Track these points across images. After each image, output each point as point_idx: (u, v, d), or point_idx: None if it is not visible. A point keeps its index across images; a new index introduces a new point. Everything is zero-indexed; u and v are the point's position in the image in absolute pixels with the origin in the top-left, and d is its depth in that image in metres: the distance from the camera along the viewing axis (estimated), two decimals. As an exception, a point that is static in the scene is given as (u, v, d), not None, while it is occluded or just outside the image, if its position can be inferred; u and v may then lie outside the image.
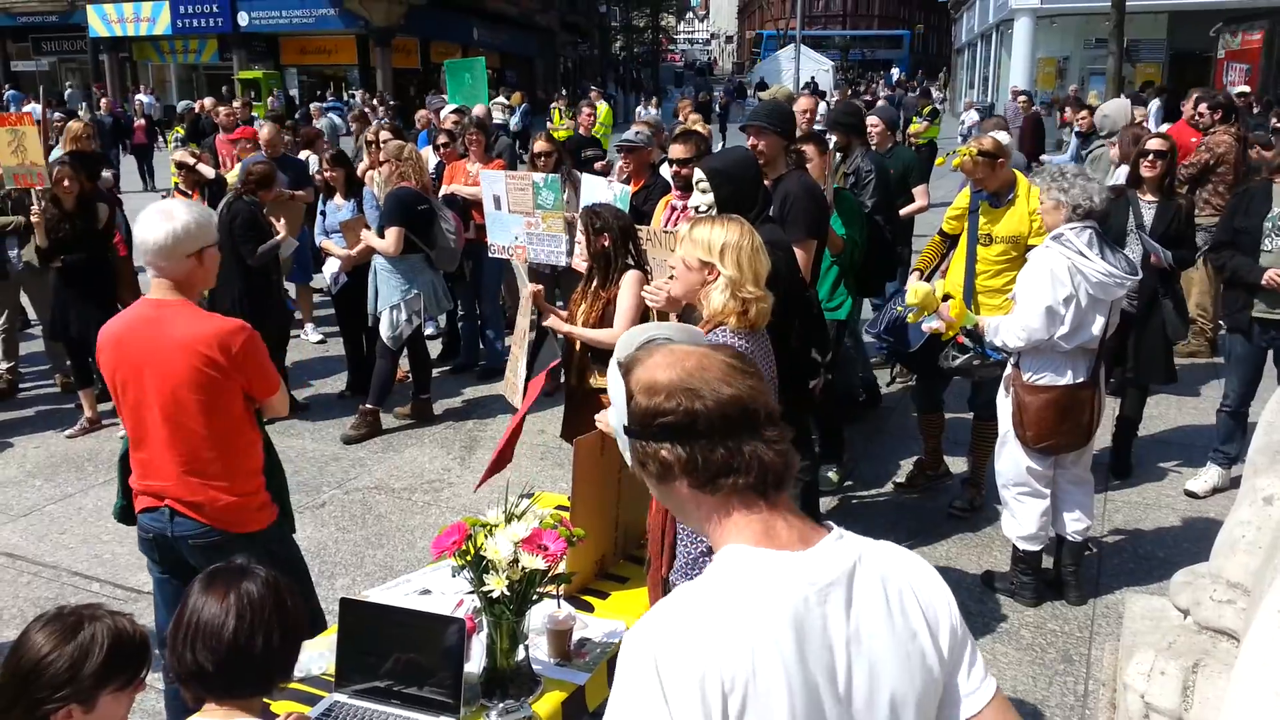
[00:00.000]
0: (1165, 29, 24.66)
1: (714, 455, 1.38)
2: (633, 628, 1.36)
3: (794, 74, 31.28)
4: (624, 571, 3.28)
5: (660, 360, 1.45)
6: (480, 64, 11.84)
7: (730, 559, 1.38)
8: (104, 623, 1.90)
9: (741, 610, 1.30)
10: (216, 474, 2.95)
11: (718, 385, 1.39)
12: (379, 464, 6.08)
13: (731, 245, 2.75)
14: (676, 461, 1.40)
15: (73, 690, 1.83)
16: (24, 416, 6.98)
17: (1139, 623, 3.57)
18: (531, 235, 6.39)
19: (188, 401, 2.87)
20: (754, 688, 1.26)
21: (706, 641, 1.27)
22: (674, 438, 1.40)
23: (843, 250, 5.31)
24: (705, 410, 1.38)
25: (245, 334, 2.93)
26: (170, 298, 2.93)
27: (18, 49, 36.01)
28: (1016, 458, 4.28)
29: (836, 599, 1.35)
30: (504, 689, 2.51)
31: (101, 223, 6.42)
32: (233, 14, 31.70)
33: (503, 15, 38.77)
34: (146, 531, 3.04)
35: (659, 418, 1.40)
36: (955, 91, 39.27)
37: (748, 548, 1.38)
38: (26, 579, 4.75)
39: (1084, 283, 3.97)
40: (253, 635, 1.87)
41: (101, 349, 2.98)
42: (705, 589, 1.35)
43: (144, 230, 2.87)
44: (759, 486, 1.39)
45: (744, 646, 1.27)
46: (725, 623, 1.29)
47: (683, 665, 1.26)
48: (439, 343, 8.17)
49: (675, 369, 1.42)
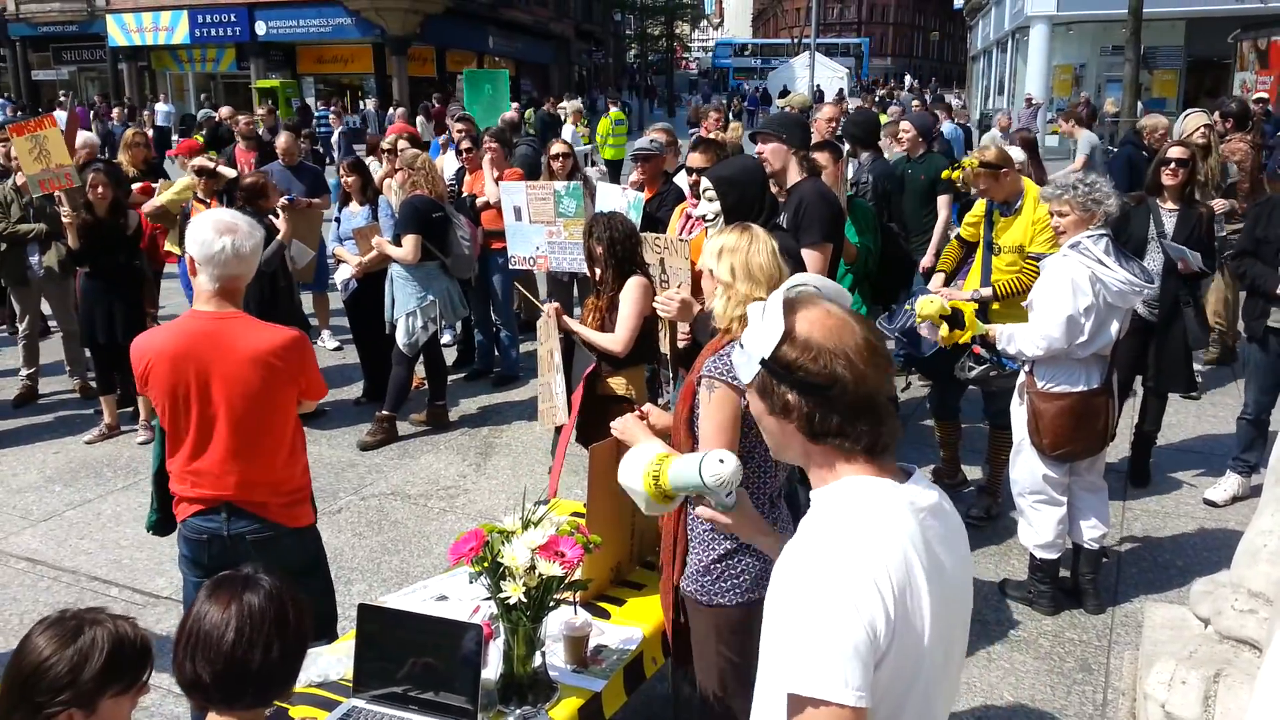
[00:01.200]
0: (1183, 35, 24.52)
1: (832, 422, 1.53)
2: (791, 550, 1.50)
3: (809, 81, 31.28)
4: (640, 578, 3.28)
5: (821, 319, 1.56)
6: (503, 76, 11.90)
7: (855, 485, 1.54)
8: (105, 627, 1.89)
9: (889, 521, 1.49)
10: (277, 474, 3.07)
11: (861, 369, 1.52)
12: (395, 470, 6.10)
13: (728, 249, 2.73)
14: (798, 409, 1.55)
15: (73, 694, 1.82)
16: (44, 422, 7.03)
17: (1159, 632, 3.55)
18: (553, 244, 6.39)
19: (257, 408, 2.98)
20: (910, 583, 1.45)
21: (874, 546, 1.44)
22: (806, 392, 1.54)
23: (857, 258, 5.31)
24: (842, 387, 1.51)
25: (303, 342, 3.13)
26: (225, 309, 3.00)
27: (39, 58, 36.39)
28: (1032, 466, 4.26)
29: (934, 524, 1.55)
30: (521, 695, 2.51)
31: (131, 229, 6.48)
32: (250, 23, 31.95)
33: (518, 24, 38.93)
34: (200, 533, 3.07)
35: (801, 372, 1.53)
36: (972, 99, 39.16)
37: (868, 477, 1.54)
38: (46, 583, 4.79)
39: (1104, 291, 3.95)
40: (251, 649, 1.87)
41: (157, 362, 2.95)
42: (850, 507, 1.51)
43: (205, 241, 2.91)
44: (866, 451, 1.55)
45: (900, 549, 1.46)
46: (883, 530, 1.47)
47: (861, 566, 1.41)
48: (454, 349, 8.20)
49: (833, 337, 1.53)
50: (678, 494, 2.08)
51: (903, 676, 1.44)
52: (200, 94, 33.39)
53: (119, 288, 6.39)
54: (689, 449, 2.71)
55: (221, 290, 2.99)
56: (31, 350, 7.42)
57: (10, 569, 4.95)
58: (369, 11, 30.47)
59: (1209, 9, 22.66)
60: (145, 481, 5.92)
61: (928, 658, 1.47)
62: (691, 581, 2.73)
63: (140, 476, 6.03)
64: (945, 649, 1.54)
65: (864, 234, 5.36)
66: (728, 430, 2.57)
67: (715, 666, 2.76)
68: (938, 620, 1.48)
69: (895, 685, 1.43)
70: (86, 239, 6.26)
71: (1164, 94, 24.43)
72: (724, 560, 2.69)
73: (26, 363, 7.42)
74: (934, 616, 1.47)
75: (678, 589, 2.80)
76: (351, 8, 30.56)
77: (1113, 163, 8.61)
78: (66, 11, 34.24)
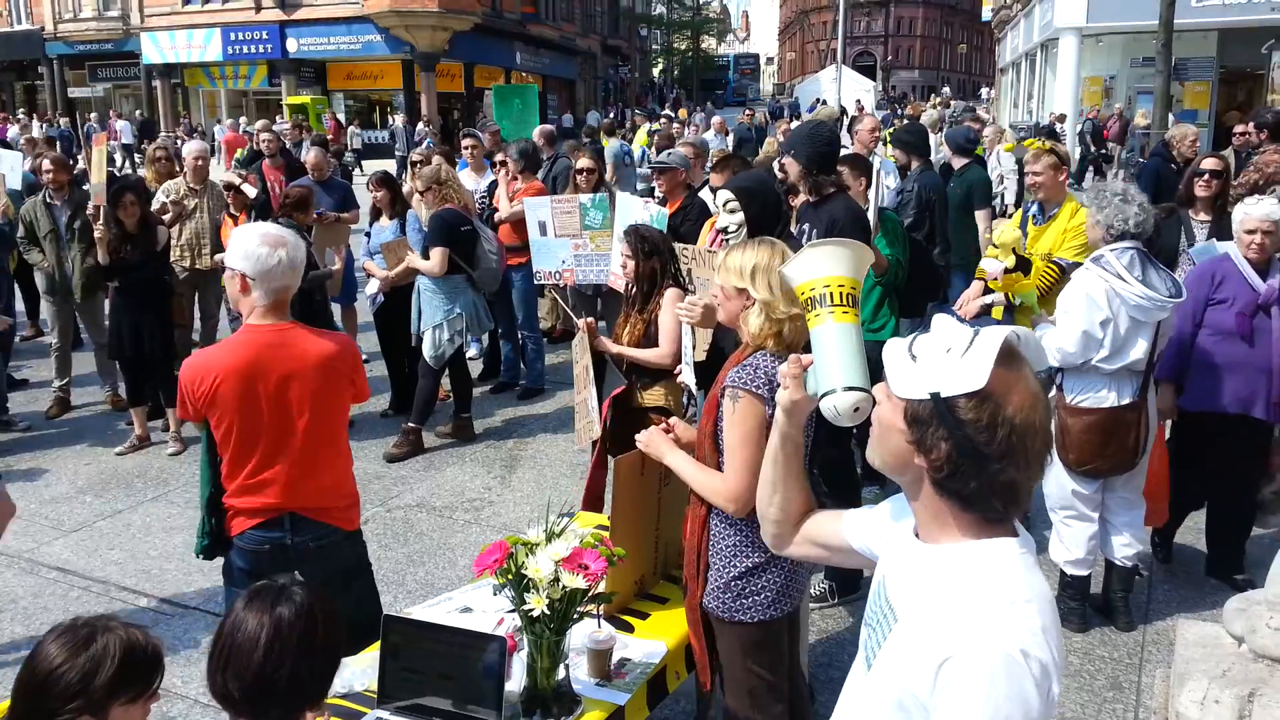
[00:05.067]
0: (1215, 47, 24.26)
1: (970, 487, 1.46)
2: (969, 633, 1.39)
3: (835, 95, 31.22)
4: (663, 592, 3.27)
5: (1022, 388, 1.44)
6: (533, 91, 11.99)
7: (1013, 555, 1.49)
8: (116, 634, 1.91)
9: (1046, 596, 1.46)
10: (338, 478, 3.17)
11: (1028, 458, 1.43)
12: (421, 482, 6.12)
13: (762, 268, 2.73)
14: (943, 459, 1.46)
15: (84, 701, 1.83)
16: (75, 433, 7.13)
17: (1192, 650, 3.49)
18: (579, 257, 6.41)
19: (326, 413, 3.06)
20: (1056, 659, 1.41)
21: (1046, 628, 1.40)
22: (964, 454, 1.44)
23: (886, 270, 5.28)
24: (1001, 468, 1.43)
25: (354, 346, 3.24)
26: (281, 321, 3.04)
27: (74, 75, 37.04)
28: (1062, 481, 4.21)
29: None
30: (545, 708, 2.51)
31: (160, 245, 6.57)
32: (282, 40, 32.39)
33: (544, 39, 39.21)
34: (261, 544, 3.08)
35: (974, 431, 1.42)
36: (1000, 111, 38.96)
37: (1009, 541, 1.50)
38: (76, 593, 4.84)
39: (1122, 306, 3.90)
40: (280, 665, 1.88)
41: (225, 378, 2.93)
42: (1018, 584, 1.45)
43: (259, 256, 2.94)
44: (991, 517, 1.50)
45: (1056, 624, 1.43)
46: (1046, 609, 1.43)
47: (1043, 649, 1.38)
48: (479, 362, 8.23)
49: (1023, 415, 1.42)
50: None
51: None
52: (232, 110, 33.87)
53: (148, 302, 6.48)
54: (714, 463, 2.70)
55: (276, 303, 3.02)
56: (64, 362, 7.52)
57: (42, 578, 5.01)
58: (398, 28, 30.80)
59: (1242, 20, 22.40)
60: (174, 493, 6.00)
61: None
62: (714, 598, 2.72)
63: (169, 488, 6.09)
64: None
65: (893, 245, 5.33)
66: (754, 441, 2.55)
67: (744, 683, 2.75)
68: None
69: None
70: (115, 254, 6.35)
71: (1196, 105, 24.14)
72: (745, 577, 2.68)
73: (59, 374, 7.53)
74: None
75: (702, 606, 2.79)
76: (381, 25, 30.92)
77: (1140, 174, 8.53)
78: (102, 30, 34.88)
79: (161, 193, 7.83)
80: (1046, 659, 1.38)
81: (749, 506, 2.54)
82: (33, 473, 6.41)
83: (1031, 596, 1.43)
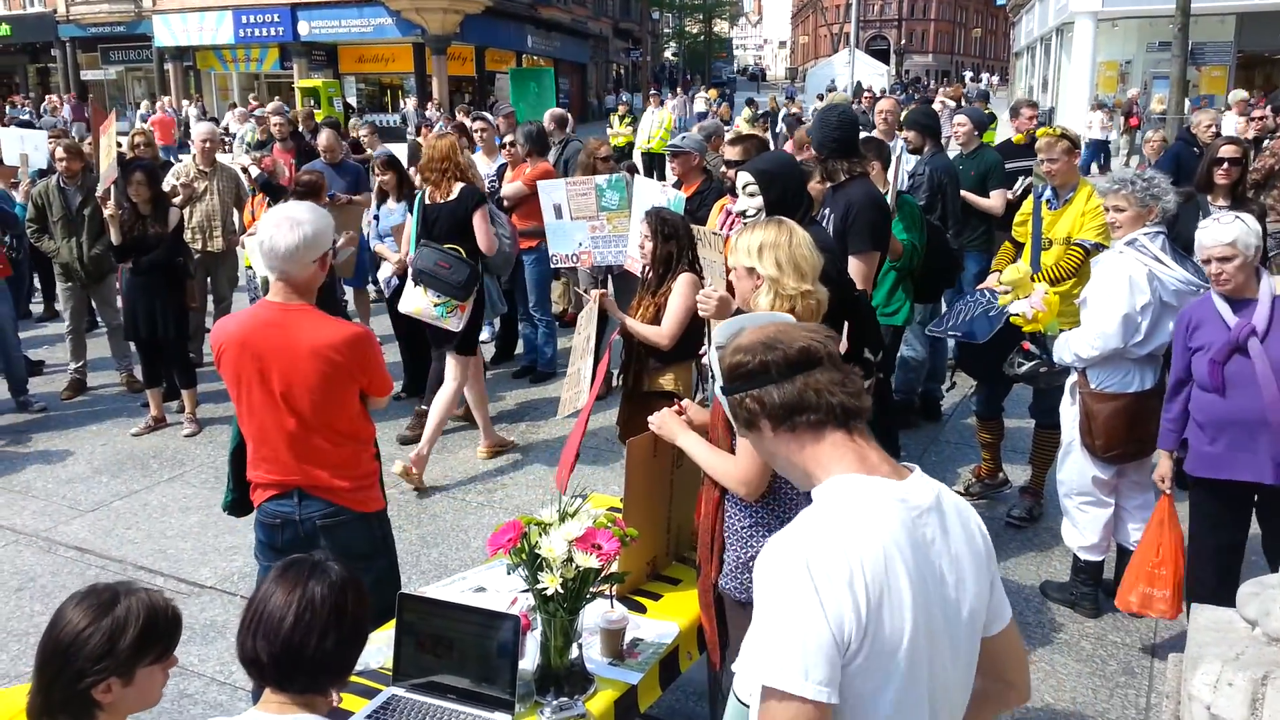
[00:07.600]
0: (1233, 31, 24.00)
1: (785, 394, 1.59)
2: (771, 543, 1.53)
3: (849, 79, 31.06)
4: (676, 573, 3.28)
5: (750, 330, 1.70)
6: (549, 74, 11.95)
7: (843, 484, 1.56)
8: (138, 597, 1.93)
9: (872, 521, 1.49)
10: (338, 462, 3.14)
11: (791, 341, 1.62)
12: (434, 464, 6.13)
13: (769, 245, 2.72)
14: (757, 404, 1.62)
15: (111, 662, 1.86)
16: (92, 414, 7.17)
17: (1204, 634, 3.48)
18: (596, 239, 6.38)
19: (314, 400, 3.04)
20: (888, 585, 1.45)
21: (851, 545, 1.46)
22: (752, 384, 1.63)
23: (902, 254, 5.27)
24: (776, 359, 1.61)
25: (366, 339, 3.14)
26: (293, 301, 3.06)
27: (87, 58, 37.10)
28: (1082, 467, 4.19)
29: (933, 522, 1.56)
30: (558, 687, 2.52)
31: (172, 226, 6.59)
32: (294, 23, 32.36)
33: (556, 23, 39.07)
34: (274, 517, 3.17)
35: (740, 369, 1.64)
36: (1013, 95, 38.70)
37: (855, 475, 1.56)
38: (94, 572, 4.88)
39: (1161, 289, 3.87)
40: (308, 635, 1.90)
41: (227, 346, 3.07)
42: (834, 505, 1.53)
43: (273, 237, 2.97)
44: (836, 420, 1.59)
45: (879, 550, 1.46)
46: (862, 530, 1.48)
47: (833, 565, 1.44)
48: (492, 345, 8.24)
49: (759, 333, 1.67)
50: None
51: (873, 678, 1.45)
52: (244, 93, 33.87)
53: (162, 284, 6.51)
54: (728, 446, 2.70)
55: (295, 285, 3.05)
56: (78, 344, 7.57)
57: (60, 557, 5.06)
58: (410, 11, 30.76)
59: (1261, 2, 22.19)
60: (190, 473, 6.04)
61: (905, 660, 1.47)
62: (730, 579, 2.73)
63: (185, 469, 6.13)
64: (943, 650, 1.54)
65: (910, 230, 5.31)
66: None
67: None
68: (924, 623, 1.48)
69: (865, 686, 1.45)
70: (128, 235, 6.38)
71: (1212, 90, 23.92)
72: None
73: (74, 356, 7.57)
74: (917, 619, 1.47)
75: (716, 587, 2.79)
76: (393, 7, 30.86)
77: (1161, 160, 8.47)
78: (115, 12, 34.89)
79: (171, 175, 7.85)
80: (825, 590, 1.44)
81: (760, 490, 2.54)
82: (50, 453, 6.46)
83: (837, 529, 1.52)
